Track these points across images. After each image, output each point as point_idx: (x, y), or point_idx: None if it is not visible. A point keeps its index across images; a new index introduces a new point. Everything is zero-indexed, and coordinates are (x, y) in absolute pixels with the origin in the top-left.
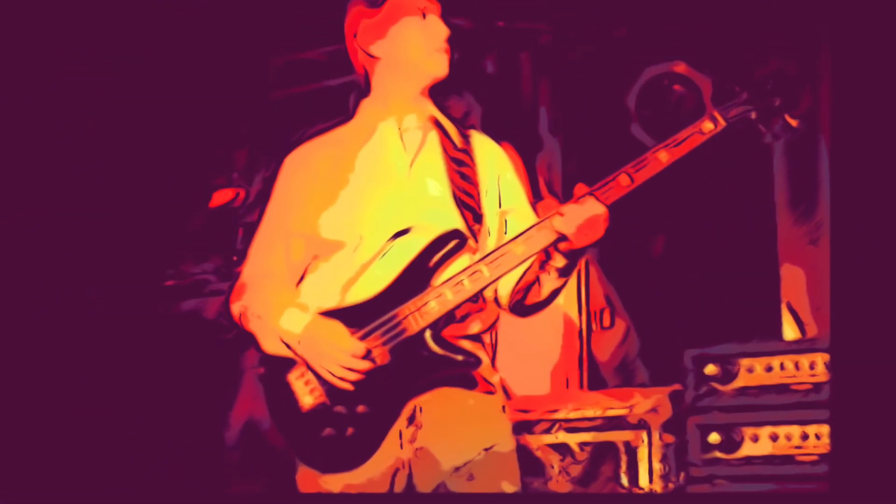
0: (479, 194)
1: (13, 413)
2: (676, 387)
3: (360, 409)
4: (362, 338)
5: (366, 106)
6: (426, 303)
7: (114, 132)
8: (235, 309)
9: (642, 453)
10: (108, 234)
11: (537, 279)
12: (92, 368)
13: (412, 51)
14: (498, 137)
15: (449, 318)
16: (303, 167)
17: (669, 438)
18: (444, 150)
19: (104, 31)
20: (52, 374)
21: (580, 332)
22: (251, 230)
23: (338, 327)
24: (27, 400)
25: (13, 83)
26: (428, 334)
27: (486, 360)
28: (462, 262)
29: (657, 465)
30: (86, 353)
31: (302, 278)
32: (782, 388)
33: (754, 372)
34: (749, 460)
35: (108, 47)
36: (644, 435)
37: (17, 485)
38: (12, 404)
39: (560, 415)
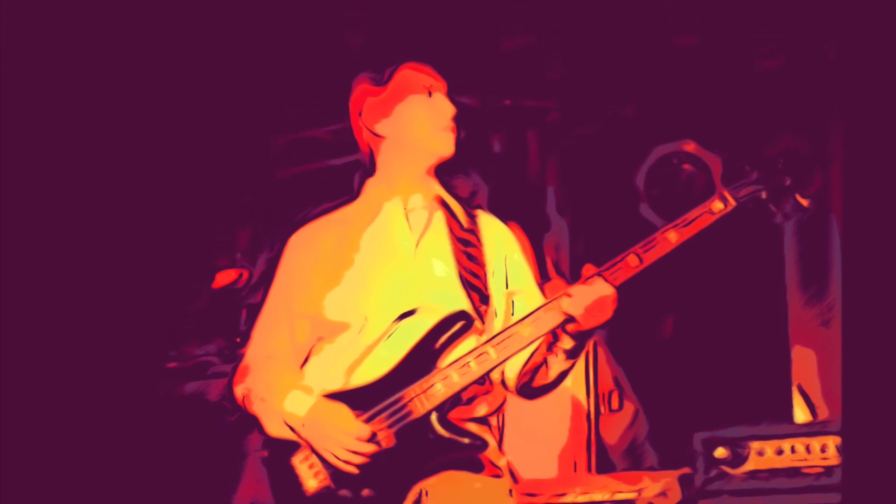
0: (485, 275)
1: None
2: (686, 470)
3: (366, 492)
4: (367, 420)
5: (371, 185)
6: (432, 385)
7: (116, 211)
8: (238, 391)
9: None
10: (109, 316)
11: (545, 361)
12: (92, 452)
13: (418, 130)
14: (505, 217)
15: (455, 400)
16: (307, 247)
17: None
18: (451, 230)
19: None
20: (53, 459)
21: (588, 414)
22: (254, 311)
23: (342, 410)
24: (27, 482)
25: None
26: (434, 417)
27: (492, 442)
28: (468, 343)
29: None
30: (86, 436)
31: (306, 360)
32: (793, 472)
33: (765, 455)
34: None
35: (110, 125)
36: None
37: None
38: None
39: (568, 498)
